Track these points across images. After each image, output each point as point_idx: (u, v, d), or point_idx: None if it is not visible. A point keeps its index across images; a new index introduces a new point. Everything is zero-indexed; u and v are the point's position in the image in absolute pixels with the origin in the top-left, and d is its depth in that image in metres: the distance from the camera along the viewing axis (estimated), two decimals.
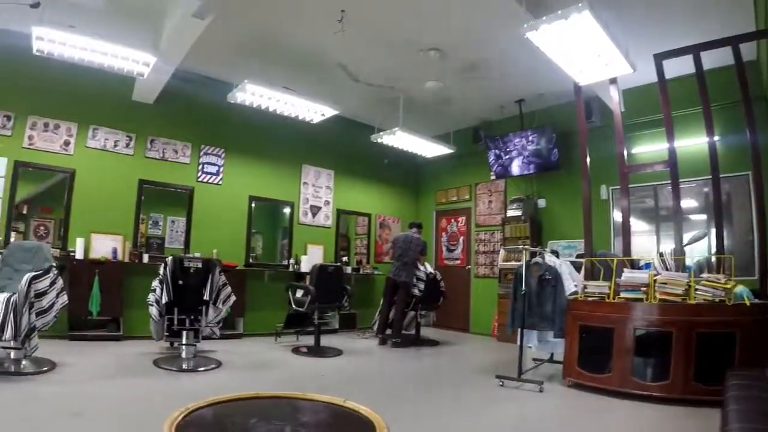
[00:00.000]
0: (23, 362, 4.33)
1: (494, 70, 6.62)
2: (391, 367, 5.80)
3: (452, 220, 9.45)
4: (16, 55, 5.77)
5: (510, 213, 8.17)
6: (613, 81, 5.32)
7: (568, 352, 4.66)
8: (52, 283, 4.50)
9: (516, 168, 7.92)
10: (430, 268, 7.36)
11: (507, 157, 8.01)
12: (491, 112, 8.30)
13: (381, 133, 7.38)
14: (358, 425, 1.71)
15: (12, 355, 4.30)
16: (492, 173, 8.31)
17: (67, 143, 6.38)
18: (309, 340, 6.47)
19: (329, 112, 6.67)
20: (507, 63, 6.33)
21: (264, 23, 5.73)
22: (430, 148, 8.03)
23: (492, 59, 6.27)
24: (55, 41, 4.91)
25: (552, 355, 5.39)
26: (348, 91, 7.35)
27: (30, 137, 6.18)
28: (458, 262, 9.22)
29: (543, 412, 3.94)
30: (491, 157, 8.21)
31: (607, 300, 4.48)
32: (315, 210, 8.44)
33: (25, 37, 5.08)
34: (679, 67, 5.18)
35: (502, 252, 7.98)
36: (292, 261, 7.91)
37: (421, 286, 6.97)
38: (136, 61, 5.28)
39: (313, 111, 6.66)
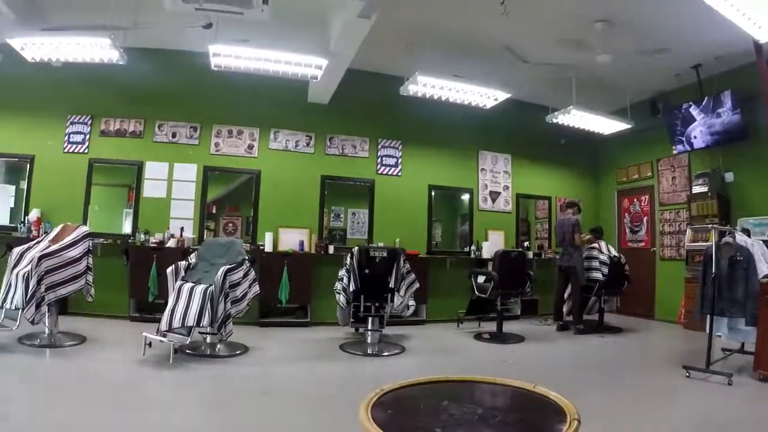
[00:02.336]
0: (218, 346, 5.86)
1: (666, 36, 7.27)
2: (573, 354, 6.85)
3: (635, 200, 10.59)
4: (198, 72, 8.00)
5: (695, 189, 9.00)
6: None
7: (760, 342, 4.97)
8: (245, 274, 6.08)
9: (698, 140, 8.75)
10: (614, 251, 8.54)
11: (688, 128, 8.86)
12: (667, 81, 9.12)
13: (555, 112, 8.68)
14: (549, 411, 1.92)
15: (208, 340, 5.85)
16: (673, 147, 9.28)
17: (250, 147, 8.62)
18: (491, 327, 7.79)
19: (501, 96, 8.03)
20: (679, 27, 7.00)
21: (427, 14, 7.00)
22: (606, 125, 9.23)
23: (662, 25, 6.95)
24: (231, 56, 6.80)
25: (743, 344, 5.78)
26: (518, 73, 8.58)
27: (216, 144, 8.52)
28: (642, 243, 10.37)
29: (731, 407, 4.36)
30: (671, 130, 9.13)
31: None
32: (494, 195, 10.09)
33: (203, 56, 7.05)
34: None
35: (688, 232, 8.84)
36: (473, 248, 9.59)
37: (605, 270, 8.13)
38: (308, 66, 6.98)
39: (486, 96, 8.08)
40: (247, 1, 6.03)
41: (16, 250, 6.02)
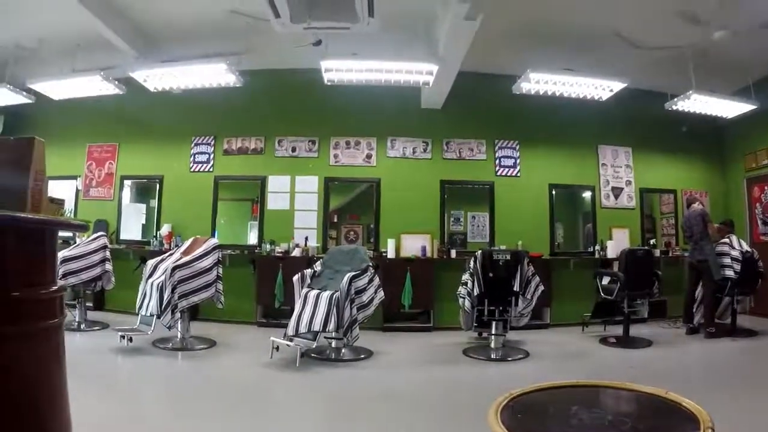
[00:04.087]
0: (343, 350, 6.39)
1: None
2: (704, 359, 6.88)
3: (766, 188, 10.31)
4: (312, 87, 8.86)
5: None
6: None
7: None
8: (370, 280, 6.71)
9: None
10: (745, 246, 8.37)
11: None
12: None
13: (674, 99, 8.75)
14: (681, 418, 1.94)
15: (333, 344, 6.42)
16: None
17: (369, 156, 9.37)
18: (617, 330, 7.84)
19: (617, 86, 8.22)
20: None
21: (532, 9, 7.18)
22: (730, 107, 9.16)
23: None
24: (342, 69, 7.51)
25: None
26: (632, 60, 8.61)
27: (335, 155, 9.34)
28: None
29: None
30: None
31: None
32: (617, 191, 10.24)
33: (316, 71, 7.79)
34: None
35: None
36: (597, 247, 9.80)
37: (737, 267, 7.91)
38: (419, 73, 7.52)
39: (601, 87, 8.31)
40: (353, 15, 6.43)
41: (151, 262, 7.08)
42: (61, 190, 9.59)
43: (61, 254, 7.28)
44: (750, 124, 10.09)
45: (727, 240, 8.37)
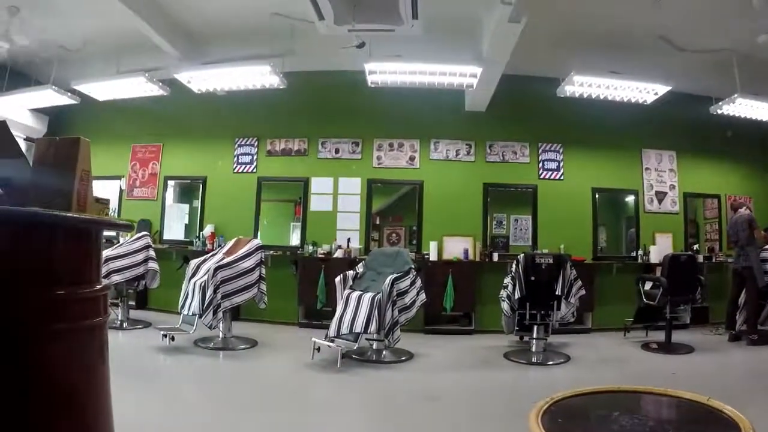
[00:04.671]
0: (384, 352, 6.41)
1: None
2: (746, 367, 6.76)
3: None
4: (355, 89, 8.99)
5: None
6: None
7: None
8: (412, 282, 6.76)
9: None
10: None
11: None
12: None
13: (719, 102, 8.63)
14: (723, 425, 1.93)
15: (374, 346, 6.43)
16: None
17: (412, 158, 9.44)
18: (659, 336, 7.71)
19: (661, 89, 8.16)
20: None
21: (577, 12, 7.10)
22: None
23: None
24: (386, 72, 7.56)
25: None
26: (677, 64, 8.53)
27: (378, 158, 9.40)
28: None
29: None
30: None
31: None
32: (660, 196, 10.12)
33: (359, 74, 7.89)
34: None
35: None
36: (640, 252, 9.74)
37: None
38: (463, 75, 7.56)
39: (645, 91, 8.26)
40: (397, 18, 6.61)
41: (193, 262, 7.17)
42: (105, 189, 9.84)
43: (105, 253, 7.48)
44: None
45: None
